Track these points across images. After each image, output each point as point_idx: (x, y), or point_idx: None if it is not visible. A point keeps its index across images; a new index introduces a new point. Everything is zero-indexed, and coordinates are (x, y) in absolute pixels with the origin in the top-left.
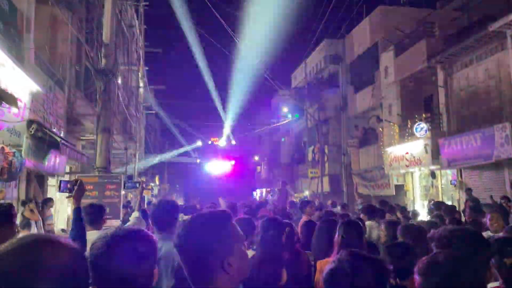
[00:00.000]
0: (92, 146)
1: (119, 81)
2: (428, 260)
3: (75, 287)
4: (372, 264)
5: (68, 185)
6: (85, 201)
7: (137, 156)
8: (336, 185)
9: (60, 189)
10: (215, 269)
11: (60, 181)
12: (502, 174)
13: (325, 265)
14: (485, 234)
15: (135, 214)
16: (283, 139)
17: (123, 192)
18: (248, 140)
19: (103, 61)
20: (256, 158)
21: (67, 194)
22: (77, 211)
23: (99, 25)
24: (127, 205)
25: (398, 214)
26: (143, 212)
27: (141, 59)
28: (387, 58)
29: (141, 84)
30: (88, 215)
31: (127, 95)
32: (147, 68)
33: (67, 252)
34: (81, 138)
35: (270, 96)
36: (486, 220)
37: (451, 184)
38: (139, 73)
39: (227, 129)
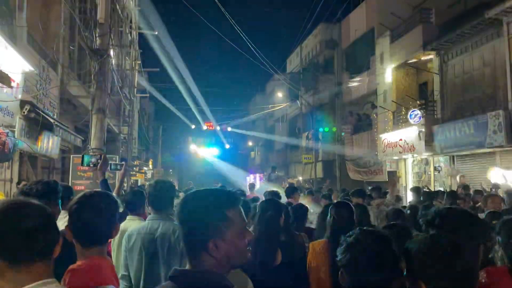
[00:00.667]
0: (85, 128)
1: (113, 62)
2: (424, 243)
3: (44, 236)
4: (385, 240)
5: (93, 159)
6: (80, 182)
7: (134, 141)
8: (330, 171)
9: (83, 163)
10: (199, 248)
11: (83, 155)
12: (494, 161)
13: (317, 246)
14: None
15: None
16: None
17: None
18: (242, 125)
19: (98, 40)
20: (250, 143)
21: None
22: (104, 182)
23: (93, 4)
24: None
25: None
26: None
27: (135, 41)
28: (383, 44)
29: (135, 67)
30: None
31: (120, 78)
32: (141, 51)
33: (36, 210)
34: (75, 119)
35: (265, 81)
36: (483, 202)
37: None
38: (133, 56)
39: (221, 114)
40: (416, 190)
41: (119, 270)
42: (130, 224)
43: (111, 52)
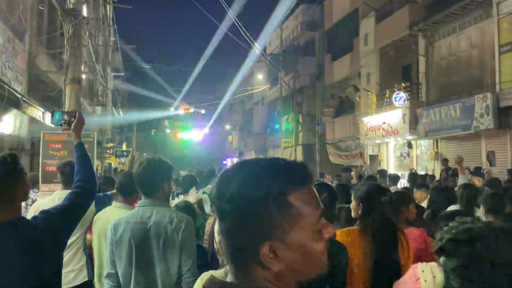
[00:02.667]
0: (55, 107)
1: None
2: None
3: None
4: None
5: (65, 117)
6: (52, 162)
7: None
8: (310, 154)
9: (54, 121)
10: (247, 255)
11: (53, 111)
12: (479, 144)
13: (347, 236)
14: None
15: None
16: None
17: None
18: (220, 107)
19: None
20: (228, 126)
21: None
22: (79, 146)
23: None
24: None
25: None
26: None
27: (109, 15)
28: (367, 25)
29: (109, 43)
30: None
31: (94, 53)
32: (114, 26)
33: None
34: (44, 97)
35: (243, 63)
36: None
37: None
38: (107, 31)
39: (198, 96)
40: (381, 172)
41: (103, 267)
42: (114, 213)
43: (85, 11)
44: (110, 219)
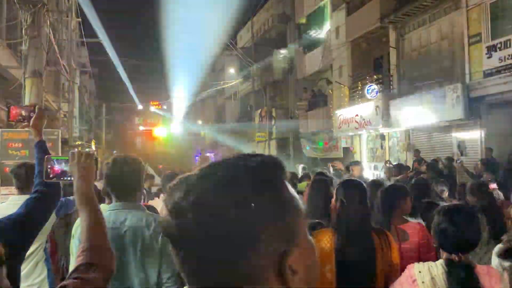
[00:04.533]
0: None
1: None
2: None
3: None
4: None
5: (23, 112)
6: (10, 163)
7: (75, 119)
8: (284, 148)
9: (11, 117)
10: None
11: (9, 106)
12: (450, 135)
13: (323, 237)
14: None
15: None
16: None
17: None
18: (190, 103)
19: None
20: (200, 122)
21: None
22: (40, 144)
23: None
24: None
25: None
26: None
27: (73, 8)
28: (338, 17)
29: (74, 37)
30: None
31: (58, 48)
32: (79, 19)
33: None
34: (6, 94)
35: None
36: None
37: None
38: (71, 25)
39: (169, 92)
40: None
41: None
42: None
43: None
44: None
